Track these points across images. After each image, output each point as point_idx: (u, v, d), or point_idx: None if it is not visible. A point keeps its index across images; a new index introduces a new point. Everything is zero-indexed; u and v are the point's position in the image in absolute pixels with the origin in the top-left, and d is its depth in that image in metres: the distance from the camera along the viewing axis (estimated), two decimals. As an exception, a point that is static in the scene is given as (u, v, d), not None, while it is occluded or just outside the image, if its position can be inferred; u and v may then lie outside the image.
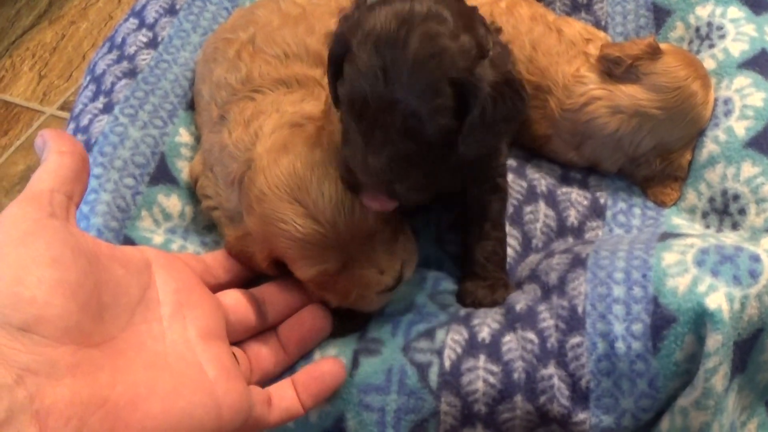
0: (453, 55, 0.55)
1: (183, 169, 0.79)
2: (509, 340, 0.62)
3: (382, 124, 0.56)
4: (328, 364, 0.62)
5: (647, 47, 0.78)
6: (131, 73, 0.82)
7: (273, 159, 0.63)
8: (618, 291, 0.60)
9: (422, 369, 0.61)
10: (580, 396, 0.59)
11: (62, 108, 1.36)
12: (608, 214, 0.80)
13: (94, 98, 0.81)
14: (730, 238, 0.65)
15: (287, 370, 0.64)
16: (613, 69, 0.79)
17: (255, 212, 0.63)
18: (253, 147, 0.67)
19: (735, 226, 0.73)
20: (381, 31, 0.55)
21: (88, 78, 0.86)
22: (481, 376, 0.60)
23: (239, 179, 0.67)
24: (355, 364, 0.63)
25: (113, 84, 0.81)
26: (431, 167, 0.59)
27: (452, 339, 0.63)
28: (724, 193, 0.75)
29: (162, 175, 0.77)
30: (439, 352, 0.62)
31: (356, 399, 0.62)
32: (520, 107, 0.60)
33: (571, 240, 0.78)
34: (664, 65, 0.78)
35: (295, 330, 0.64)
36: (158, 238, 0.73)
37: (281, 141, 0.65)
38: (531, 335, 0.62)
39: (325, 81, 0.75)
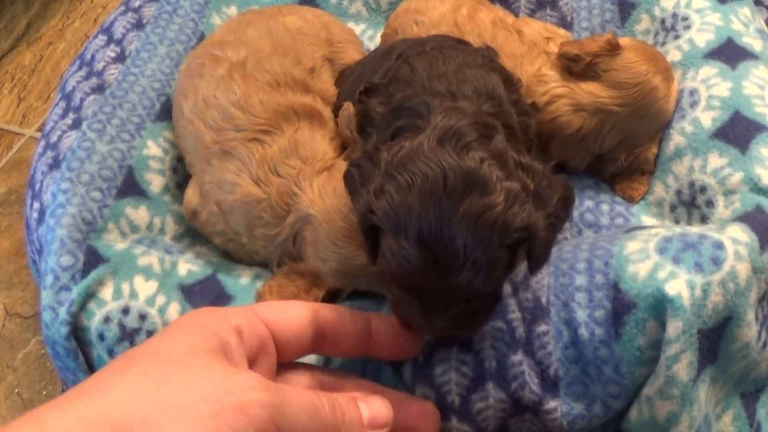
0: (505, 225, 0.50)
1: (152, 181, 0.80)
2: None
3: (441, 298, 0.53)
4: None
5: (606, 44, 0.77)
6: (99, 89, 0.83)
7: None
8: (580, 280, 0.60)
9: (397, 364, 0.62)
10: (549, 383, 0.59)
11: (40, 129, 1.36)
12: (575, 213, 0.79)
13: (63, 115, 0.82)
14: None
15: None
16: (572, 67, 0.78)
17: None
18: (307, 206, 0.70)
19: (704, 219, 0.72)
20: (421, 223, 0.50)
21: (59, 95, 0.86)
22: (453, 366, 0.60)
23: (295, 236, 0.72)
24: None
25: (82, 100, 0.82)
26: (492, 305, 0.58)
27: None
28: (692, 185, 0.74)
29: (129, 188, 0.77)
30: None
31: None
32: (571, 209, 0.59)
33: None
34: (623, 61, 0.77)
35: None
36: (121, 245, 0.73)
37: (329, 191, 0.69)
38: (500, 324, 0.62)
39: (318, 104, 0.78)
